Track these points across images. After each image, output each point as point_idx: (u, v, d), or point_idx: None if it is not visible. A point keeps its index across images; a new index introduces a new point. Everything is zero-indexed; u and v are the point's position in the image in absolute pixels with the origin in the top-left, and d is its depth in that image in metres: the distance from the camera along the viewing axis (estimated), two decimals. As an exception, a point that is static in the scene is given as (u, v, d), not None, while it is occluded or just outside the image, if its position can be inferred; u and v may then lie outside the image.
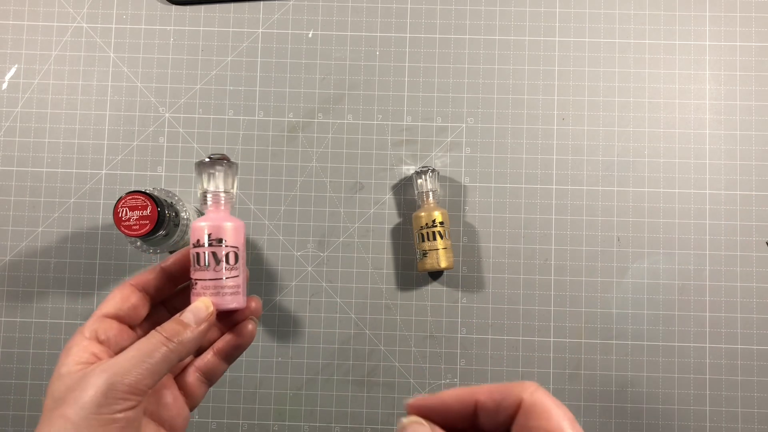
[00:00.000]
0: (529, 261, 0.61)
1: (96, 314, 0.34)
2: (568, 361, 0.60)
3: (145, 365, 0.30)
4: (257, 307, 0.38)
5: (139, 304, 0.35)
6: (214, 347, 0.37)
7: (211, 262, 0.35)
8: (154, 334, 0.32)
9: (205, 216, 0.36)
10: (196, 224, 0.35)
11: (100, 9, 0.63)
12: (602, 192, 0.61)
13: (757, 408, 0.59)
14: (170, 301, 0.38)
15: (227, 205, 0.37)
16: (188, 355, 0.33)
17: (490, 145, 0.62)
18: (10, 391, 0.60)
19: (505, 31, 0.63)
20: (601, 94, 0.62)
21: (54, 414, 0.29)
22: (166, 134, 0.62)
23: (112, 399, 0.29)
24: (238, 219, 0.37)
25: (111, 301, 0.34)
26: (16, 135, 0.62)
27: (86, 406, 0.29)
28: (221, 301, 0.35)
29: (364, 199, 0.62)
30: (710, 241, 0.61)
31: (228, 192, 0.37)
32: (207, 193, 0.37)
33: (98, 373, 0.30)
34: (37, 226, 0.61)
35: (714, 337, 0.60)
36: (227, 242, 0.35)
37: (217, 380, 0.38)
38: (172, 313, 0.37)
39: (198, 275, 0.35)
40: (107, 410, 0.29)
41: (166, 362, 0.31)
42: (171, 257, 0.37)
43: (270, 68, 0.63)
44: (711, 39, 0.63)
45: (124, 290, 0.35)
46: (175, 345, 0.32)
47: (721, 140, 0.62)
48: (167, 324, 0.33)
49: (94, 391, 0.29)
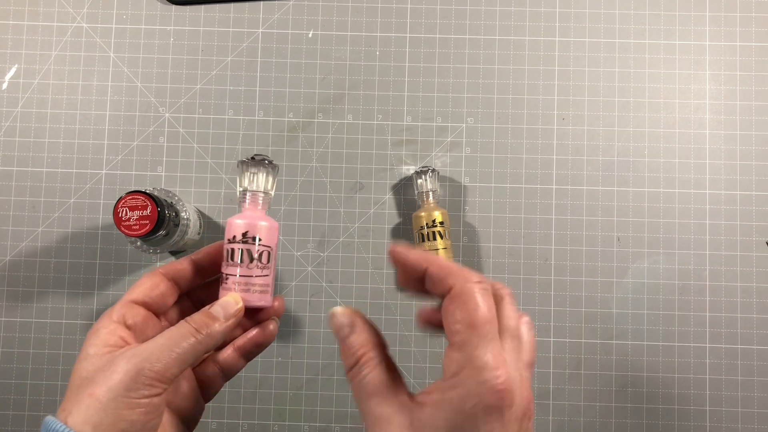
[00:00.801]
0: (529, 261, 0.61)
1: (124, 299, 0.34)
2: (568, 361, 0.60)
3: (173, 354, 0.31)
4: (280, 306, 0.38)
5: (167, 293, 0.35)
6: (234, 343, 0.38)
7: (244, 259, 0.36)
8: (184, 324, 0.32)
9: (242, 213, 0.37)
10: (232, 221, 0.36)
11: (100, 9, 0.63)
12: (602, 192, 0.61)
13: (757, 408, 0.59)
14: (195, 292, 0.38)
15: (264, 205, 0.38)
16: (215, 347, 0.34)
17: (490, 145, 0.62)
18: (10, 391, 0.60)
19: (505, 31, 0.63)
20: (601, 94, 0.62)
21: (83, 393, 0.30)
22: (166, 134, 0.62)
23: (140, 384, 0.29)
24: (273, 220, 0.38)
25: (140, 287, 0.34)
26: (16, 135, 0.62)
27: (115, 388, 0.29)
28: (250, 297, 0.36)
29: (364, 199, 0.62)
30: (710, 241, 0.61)
31: (267, 192, 0.38)
32: (246, 191, 0.38)
33: (128, 358, 0.30)
34: (37, 226, 0.61)
35: (714, 337, 0.60)
36: (262, 241, 0.36)
37: (234, 376, 0.38)
38: (196, 305, 0.38)
39: (230, 270, 0.36)
40: (135, 395, 0.29)
41: (193, 352, 0.32)
42: (203, 250, 0.37)
43: (270, 68, 0.63)
44: (711, 39, 0.63)
45: (155, 278, 0.35)
46: (203, 336, 0.32)
47: (721, 140, 0.62)
48: (197, 315, 0.33)
49: (123, 374, 0.29)
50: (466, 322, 0.27)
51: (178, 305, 0.37)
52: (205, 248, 0.37)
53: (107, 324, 0.33)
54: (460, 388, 0.26)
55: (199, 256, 0.37)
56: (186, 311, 0.36)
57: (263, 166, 0.38)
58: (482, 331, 0.26)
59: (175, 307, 0.37)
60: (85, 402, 0.29)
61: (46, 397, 0.60)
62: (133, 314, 0.33)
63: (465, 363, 0.26)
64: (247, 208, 0.38)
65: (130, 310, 0.34)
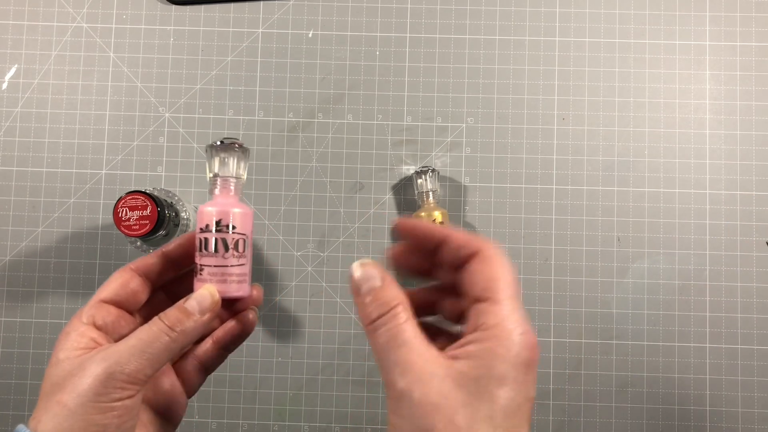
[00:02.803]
0: (529, 261, 0.61)
1: (94, 299, 0.33)
2: (568, 361, 0.60)
3: (145, 355, 0.30)
4: (258, 296, 0.37)
5: (138, 290, 0.34)
6: (213, 336, 0.36)
7: (219, 249, 0.34)
8: (156, 322, 0.31)
9: (214, 201, 0.35)
10: (204, 208, 0.35)
11: (100, 9, 0.63)
12: (602, 192, 0.61)
13: (757, 408, 0.59)
14: (170, 286, 0.37)
15: (237, 191, 0.36)
16: (190, 344, 0.33)
17: (490, 145, 0.62)
18: (10, 391, 0.60)
19: (505, 31, 0.63)
20: (601, 94, 0.62)
21: (51, 400, 0.29)
22: (166, 134, 0.62)
23: (111, 388, 0.29)
24: (247, 206, 0.36)
25: (110, 286, 0.33)
26: (16, 135, 0.62)
27: (84, 394, 0.28)
28: (226, 288, 0.34)
29: (364, 199, 0.62)
30: (710, 241, 0.61)
31: (239, 177, 0.36)
32: (217, 177, 0.36)
33: (98, 361, 0.29)
34: (37, 226, 0.61)
35: (714, 337, 0.60)
36: (236, 229, 0.35)
37: (216, 368, 0.37)
38: (171, 299, 0.36)
39: (204, 261, 0.34)
40: (105, 399, 0.28)
41: (167, 352, 0.30)
42: (174, 241, 0.36)
43: (270, 68, 0.63)
44: (711, 39, 0.63)
45: (124, 274, 0.34)
46: (176, 335, 0.31)
47: (721, 140, 0.62)
48: (170, 311, 0.32)
49: (93, 379, 0.29)
50: (504, 280, 0.28)
51: (153, 299, 0.36)
52: (176, 239, 0.36)
53: (77, 326, 0.32)
54: (503, 339, 0.26)
55: (170, 247, 0.35)
56: (161, 305, 0.34)
57: (233, 150, 0.36)
58: (516, 289, 0.28)
59: (150, 302, 0.36)
60: (53, 409, 0.28)
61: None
62: (103, 314, 0.32)
63: (505, 316, 0.27)
64: (218, 195, 0.36)
65: (99, 311, 0.32)
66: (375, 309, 0.29)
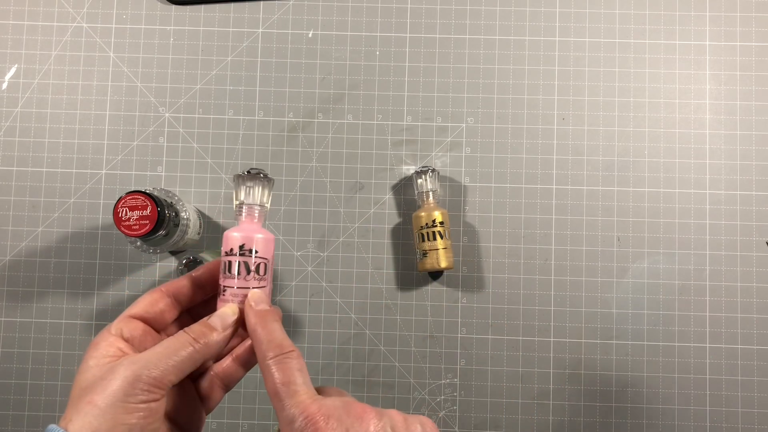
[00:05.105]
0: (529, 261, 0.61)
1: (123, 314, 0.35)
2: (568, 361, 0.60)
3: (171, 361, 0.32)
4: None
5: (166, 309, 0.37)
6: (233, 353, 0.38)
7: (241, 271, 0.37)
8: (182, 334, 0.34)
9: (239, 227, 0.38)
10: (229, 234, 0.37)
11: (100, 9, 0.63)
12: (602, 192, 0.61)
13: (757, 408, 0.59)
14: (196, 309, 0.40)
15: (261, 218, 0.39)
16: (212, 357, 0.35)
17: (490, 145, 0.62)
18: (10, 391, 0.60)
19: (505, 31, 0.63)
20: (601, 94, 0.62)
21: (82, 401, 0.31)
22: (166, 134, 0.62)
23: (138, 390, 0.30)
24: (269, 232, 0.39)
25: (140, 303, 0.36)
26: (16, 135, 0.62)
27: (114, 394, 0.30)
28: None
29: (364, 199, 0.62)
30: (710, 241, 0.61)
31: (263, 205, 0.39)
32: (243, 204, 0.39)
33: (126, 365, 0.31)
34: (37, 226, 0.61)
35: (714, 337, 0.60)
36: (258, 253, 0.37)
37: (234, 386, 0.39)
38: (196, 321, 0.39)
39: (227, 282, 0.37)
40: (133, 400, 0.30)
41: (191, 361, 0.33)
42: (202, 267, 0.38)
43: (270, 68, 0.63)
44: (711, 39, 0.63)
45: (154, 294, 0.36)
46: (201, 346, 0.33)
47: (721, 140, 0.62)
48: (195, 326, 0.35)
49: (122, 381, 0.31)
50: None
51: (179, 321, 0.38)
52: (204, 265, 0.38)
53: (106, 337, 0.34)
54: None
55: (199, 272, 0.38)
56: (186, 326, 0.37)
57: (259, 180, 0.39)
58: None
59: (176, 323, 0.38)
60: (84, 409, 0.30)
61: (46, 397, 0.60)
62: (131, 328, 0.35)
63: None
64: (243, 221, 0.38)
65: (127, 325, 0.35)
66: (275, 348, 0.34)
